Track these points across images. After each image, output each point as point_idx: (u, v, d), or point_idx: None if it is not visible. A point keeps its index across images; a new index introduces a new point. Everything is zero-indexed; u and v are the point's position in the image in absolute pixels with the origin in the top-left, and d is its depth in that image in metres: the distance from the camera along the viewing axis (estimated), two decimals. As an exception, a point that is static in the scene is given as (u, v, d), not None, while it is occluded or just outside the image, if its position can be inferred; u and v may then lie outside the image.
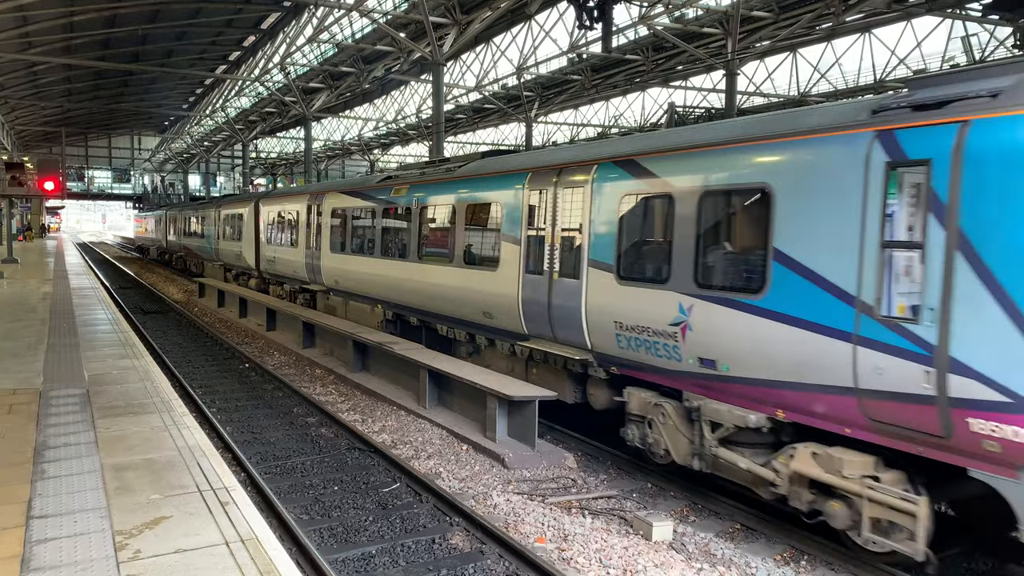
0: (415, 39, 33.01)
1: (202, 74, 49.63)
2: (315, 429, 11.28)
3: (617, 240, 8.99)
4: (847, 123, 6.60)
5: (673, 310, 8.02)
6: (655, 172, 8.52)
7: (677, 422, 8.30)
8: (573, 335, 9.71)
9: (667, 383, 8.43)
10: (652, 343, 8.37)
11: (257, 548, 4.65)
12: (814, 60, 36.44)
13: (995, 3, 11.49)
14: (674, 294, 8.04)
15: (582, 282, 9.45)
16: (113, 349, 11.52)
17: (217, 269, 30.89)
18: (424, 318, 14.02)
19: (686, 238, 7.98)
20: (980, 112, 5.74)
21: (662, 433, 8.52)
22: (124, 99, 59.90)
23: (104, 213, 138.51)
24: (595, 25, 13.09)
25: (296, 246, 20.53)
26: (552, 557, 6.90)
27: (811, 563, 7.07)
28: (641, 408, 8.85)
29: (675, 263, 8.09)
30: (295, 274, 20.84)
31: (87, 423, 7.30)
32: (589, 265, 9.38)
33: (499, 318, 11.28)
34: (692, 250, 7.91)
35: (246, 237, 25.90)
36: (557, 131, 56.56)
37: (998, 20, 25.15)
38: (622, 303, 8.80)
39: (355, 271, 16.67)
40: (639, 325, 8.52)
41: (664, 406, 8.44)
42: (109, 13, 34.39)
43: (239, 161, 71.62)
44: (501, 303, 11.13)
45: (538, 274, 10.32)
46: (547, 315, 10.14)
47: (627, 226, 8.91)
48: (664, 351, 8.21)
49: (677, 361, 8.04)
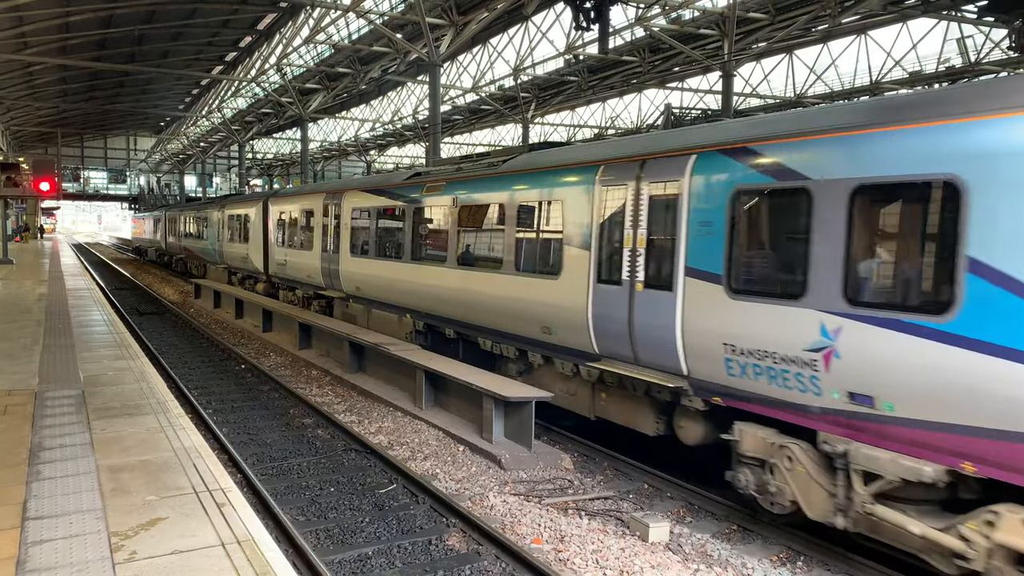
0: (412, 40, 33.01)
1: (198, 75, 49.54)
2: (311, 430, 11.26)
3: (727, 244, 7.47)
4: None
5: (811, 332, 6.58)
6: (784, 162, 6.97)
7: (811, 469, 6.85)
8: (662, 357, 8.28)
9: (795, 420, 6.94)
10: (778, 372, 6.91)
11: (253, 549, 4.64)
12: (810, 62, 36.56)
13: (990, 5, 11.52)
14: (813, 312, 6.57)
15: (676, 294, 8.01)
16: (109, 350, 11.49)
17: (221, 272, 29.71)
18: (463, 331, 12.64)
19: (832, 243, 6.45)
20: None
21: (788, 481, 7.03)
22: (120, 100, 59.76)
23: (100, 214, 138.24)
24: (592, 26, 13.11)
25: (310, 249, 19.16)
26: (549, 558, 6.90)
27: (807, 564, 7.08)
28: (759, 449, 7.37)
29: (815, 274, 6.58)
30: (309, 279, 19.53)
31: (83, 424, 7.28)
32: (687, 274, 7.91)
33: (561, 334, 9.90)
34: (841, 258, 6.40)
35: (253, 239, 24.67)
36: (553, 132, 56.59)
37: (993, 22, 25.23)
38: (735, 321, 7.33)
39: (380, 277, 15.29)
40: (759, 349, 7.05)
41: (792, 449, 7.00)
42: (105, 14, 34.32)
43: (235, 162, 71.52)
44: (564, 317, 9.75)
45: (614, 284, 8.90)
46: (627, 333, 8.70)
47: (742, 227, 7.42)
48: (796, 382, 6.75)
49: (815, 395, 6.60)
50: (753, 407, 7.36)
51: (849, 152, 6.46)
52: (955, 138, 5.75)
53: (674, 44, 30.85)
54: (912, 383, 5.89)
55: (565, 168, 10.13)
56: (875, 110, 6.53)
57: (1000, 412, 5.40)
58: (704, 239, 7.77)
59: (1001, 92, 5.71)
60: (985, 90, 5.90)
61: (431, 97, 29.29)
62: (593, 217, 9.33)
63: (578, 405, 10.26)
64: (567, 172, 10.04)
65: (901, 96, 6.78)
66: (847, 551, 7.09)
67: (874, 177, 6.25)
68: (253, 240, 24.73)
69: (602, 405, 9.79)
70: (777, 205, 7.21)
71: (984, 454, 5.57)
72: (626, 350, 8.85)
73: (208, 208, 31.85)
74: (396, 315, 14.91)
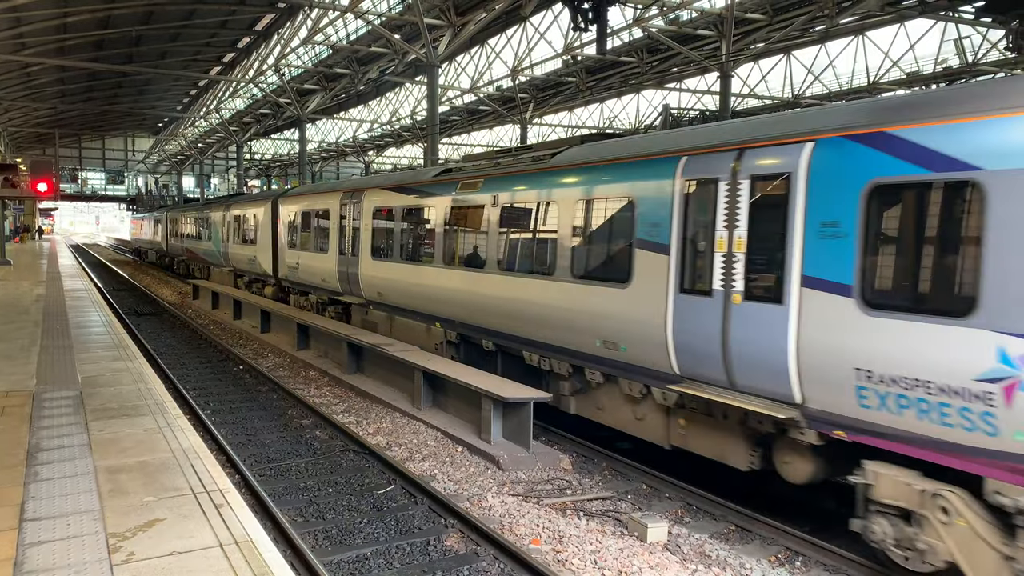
0: (410, 41, 33.01)
1: (196, 75, 49.53)
2: (309, 431, 11.26)
3: (861, 250, 6.27)
4: None
5: (986, 358, 5.42)
6: (943, 149, 5.76)
7: (977, 525, 5.65)
8: (768, 382, 7.10)
9: (956, 464, 5.74)
10: (933, 405, 5.75)
11: (251, 550, 4.63)
12: (808, 62, 36.58)
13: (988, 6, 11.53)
14: (988, 334, 5.41)
15: (788, 308, 6.83)
16: (107, 351, 11.48)
17: (226, 275, 28.57)
18: (504, 343, 11.43)
19: (1018, 249, 5.30)
20: None
21: (943, 537, 5.85)
22: (118, 100, 59.75)
23: (98, 215, 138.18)
24: (590, 27, 13.12)
25: (326, 251, 18.09)
26: (547, 559, 6.90)
27: (806, 564, 7.08)
28: (900, 496, 6.16)
29: (991, 287, 5.41)
30: (324, 283, 18.47)
31: (80, 425, 7.27)
32: (803, 285, 6.72)
33: (630, 350, 8.76)
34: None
35: (262, 240, 23.70)
36: (552, 133, 56.62)
37: (990, 23, 25.26)
38: (872, 342, 6.15)
39: (406, 282, 14.07)
40: (908, 377, 5.88)
41: (949, 498, 5.79)
42: (103, 14, 34.31)
43: (233, 163, 71.49)
44: (634, 331, 8.61)
45: (702, 294, 7.72)
46: (719, 352, 7.51)
47: (882, 229, 6.23)
48: (960, 418, 5.60)
49: (987, 435, 5.44)
50: (893, 445, 6.16)
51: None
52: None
53: (672, 45, 30.87)
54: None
55: (636, 161, 8.87)
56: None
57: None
58: (827, 243, 6.54)
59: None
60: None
61: (429, 98, 29.30)
62: (673, 217, 8.10)
63: (647, 431, 9.05)
64: (638, 166, 8.78)
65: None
66: (845, 551, 7.09)
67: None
68: (262, 242, 23.83)
69: (680, 433, 8.56)
70: (933, 201, 5.89)
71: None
72: (717, 372, 7.61)
73: (212, 208, 30.88)
74: (424, 324, 13.84)
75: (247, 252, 25.40)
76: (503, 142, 64.20)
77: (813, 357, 6.65)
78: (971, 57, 30.39)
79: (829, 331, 6.50)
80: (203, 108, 59.67)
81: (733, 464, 7.96)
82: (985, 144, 5.56)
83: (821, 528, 7.75)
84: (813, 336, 6.64)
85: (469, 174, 12.45)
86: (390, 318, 15.32)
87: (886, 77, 33.58)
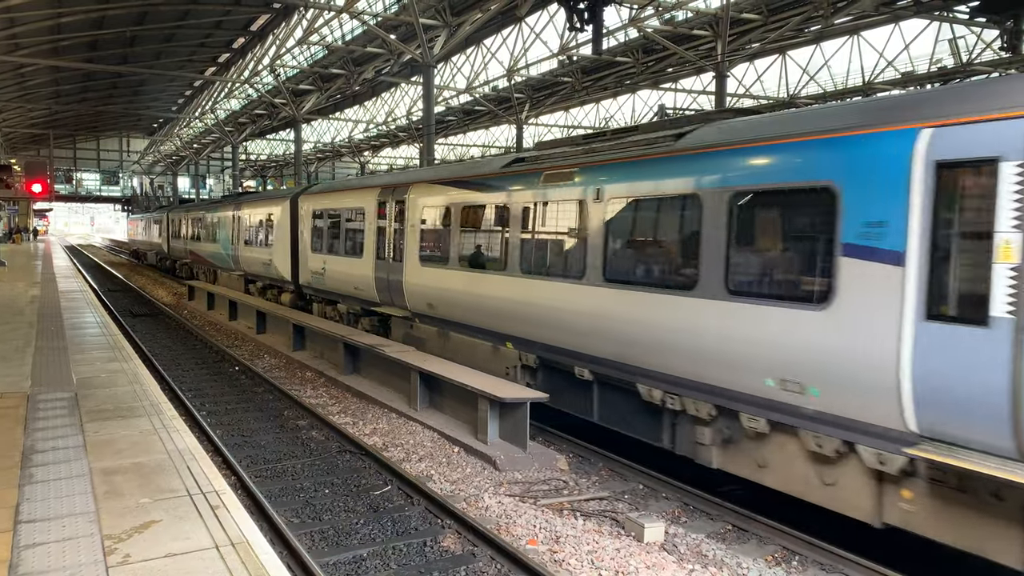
0: (405, 41, 32.99)
1: (191, 76, 49.46)
2: (306, 432, 11.24)
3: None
4: None
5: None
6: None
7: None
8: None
9: None
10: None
11: (248, 552, 4.62)
12: (803, 62, 36.63)
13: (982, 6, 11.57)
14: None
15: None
16: (102, 352, 11.44)
17: (235, 280, 26.45)
18: (607, 372, 9.24)
19: None
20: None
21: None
22: (113, 101, 59.65)
23: (93, 216, 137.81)
24: (585, 27, 13.11)
25: (359, 256, 16.12)
26: (544, 559, 6.89)
27: (803, 563, 7.09)
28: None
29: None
30: (357, 292, 16.43)
31: (75, 427, 7.25)
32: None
33: (827, 395, 6.52)
34: None
35: (279, 243, 21.59)
36: (548, 133, 56.65)
37: (985, 23, 25.34)
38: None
39: (467, 293, 12.05)
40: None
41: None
42: (97, 15, 34.25)
43: (228, 163, 71.35)
44: (838, 370, 6.37)
45: (971, 323, 5.52)
46: (1007, 406, 5.34)
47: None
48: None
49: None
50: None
51: None
52: None
53: (667, 45, 30.90)
54: None
55: (837, 137, 6.61)
56: None
57: None
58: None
59: None
60: None
61: (425, 98, 29.30)
62: (912, 212, 5.87)
63: (842, 501, 6.80)
64: (842, 143, 6.52)
65: None
66: (842, 550, 7.10)
67: None
68: (278, 244, 21.71)
69: (903, 509, 6.31)
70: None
71: None
72: (996, 435, 5.46)
73: (220, 208, 28.67)
74: (490, 343, 11.77)
75: (261, 256, 23.34)
76: (499, 142, 64.20)
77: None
78: (966, 57, 30.47)
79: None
80: (198, 109, 59.58)
81: (998, 559, 5.76)
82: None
83: (817, 527, 7.76)
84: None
85: (557, 164, 10.25)
86: (443, 335, 13.13)
87: (881, 77, 33.65)
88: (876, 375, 6.10)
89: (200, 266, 32.69)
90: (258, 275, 24.17)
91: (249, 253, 24.69)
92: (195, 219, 32.94)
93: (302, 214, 20.10)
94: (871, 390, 6.17)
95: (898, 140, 6.07)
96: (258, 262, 23.71)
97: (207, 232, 30.54)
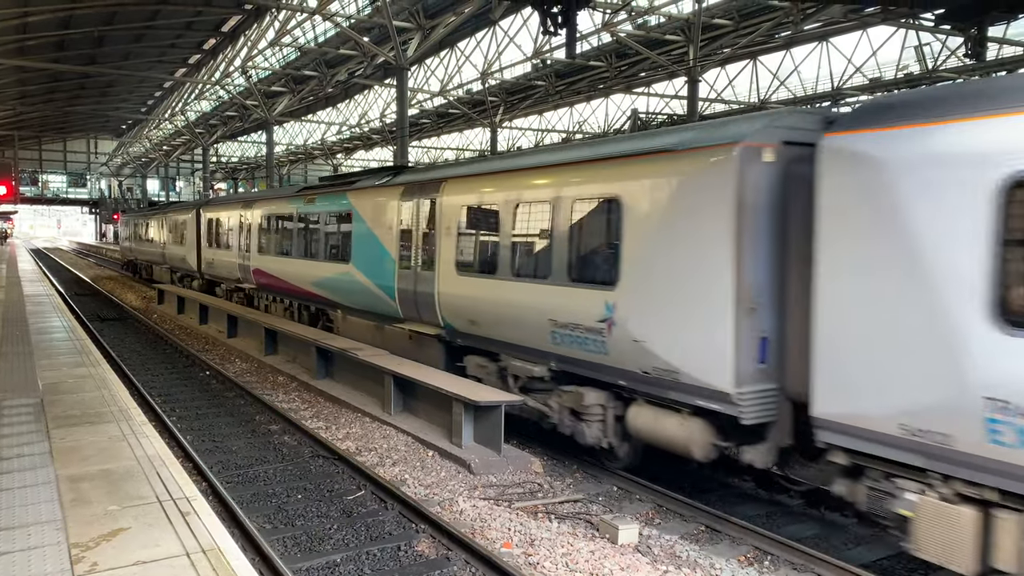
0: (379, 43, 32.88)
1: (161, 77, 48.81)
2: (278, 437, 11.14)
3: None
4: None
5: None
6: None
7: None
8: None
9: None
10: None
11: (219, 558, 4.57)
12: (774, 67, 37.11)
13: (946, 14, 11.82)
14: None
15: None
16: (69, 357, 11.25)
17: (399, 337, 14.00)
18: None
19: None
20: None
21: None
22: (80, 102, 58.67)
23: (59, 219, 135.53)
24: (559, 31, 13.15)
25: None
26: (519, 562, 6.89)
27: (775, 563, 7.16)
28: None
29: None
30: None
31: (41, 433, 7.11)
32: None
33: None
34: None
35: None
36: (522, 136, 56.76)
37: (949, 30, 25.86)
38: None
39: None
40: None
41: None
42: (64, 14, 33.66)
43: (199, 165, 70.56)
44: None
45: None
46: None
47: None
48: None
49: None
50: None
51: None
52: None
53: (640, 50, 31.13)
54: None
55: None
56: None
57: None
58: None
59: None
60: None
61: (399, 101, 29.23)
62: None
63: None
64: None
65: None
66: (813, 550, 7.18)
67: None
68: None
69: None
70: None
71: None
72: None
73: (318, 198, 17.08)
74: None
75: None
76: (473, 145, 64.18)
77: None
78: (931, 64, 31.05)
79: None
80: (168, 110, 58.85)
81: None
82: None
83: (789, 528, 7.85)
84: None
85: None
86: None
87: (849, 83, 34.19)
88: None
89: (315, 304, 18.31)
90: None
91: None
92: (270, 218, 19.95)
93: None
94: None
95: None
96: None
97: (311, 241, 17.79)
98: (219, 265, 23.77)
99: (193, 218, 26.43)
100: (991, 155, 5.15)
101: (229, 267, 22.70)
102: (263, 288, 20.22)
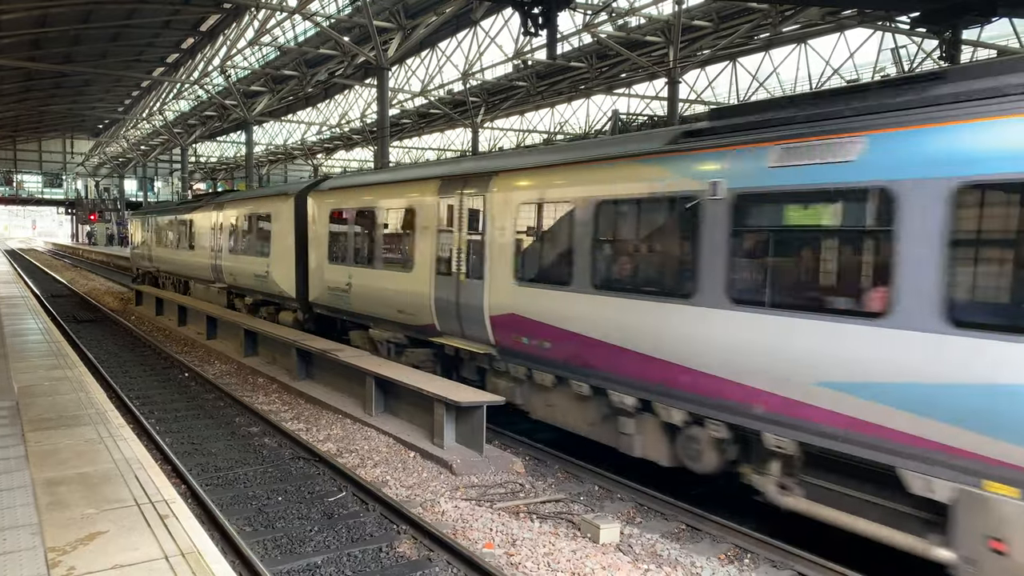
0: (359, 43, 32.74)
1: (138, 76, 48.30)
2: (258, 439, 11.06)
3: None
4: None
5: None
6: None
7: None
8: None
9: None
10: None
11: (199, 562, 4.53)
12: (753, 69, 37.38)
13: (922, 17, 11.96)
14: None
15: None
16: (44, 359, 11.11)
17: None
18: None
19: None
20: None
21: None
22: (56, 101, 57.91)
23: (34, 219, 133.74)
24: (540, 32, 13.17)
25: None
26: (501, 562, 6.90)
27: (755, 561, 7.22)
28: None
29: None
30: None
31: (16, 436, 7.02)
32: None
33: None
34: None
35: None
36: (503, 137, 56.74)
37: (925, 33, 26.19)
38: None
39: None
40: None
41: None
42: (39, 12, 33.21)
43: (178, 166, 69.89)
44: None
45: None
46: None
47: None
48: None
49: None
50: None
51: None
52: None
53: (621, 51, 31.21)
54: None
55: None
56: None
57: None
58: None
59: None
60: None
61: (379, 101, 29.09)
62: None
63: None
64: None
65: None
66: (793, 548, 7.25)
67: None
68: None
69: None
70: None
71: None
72: None
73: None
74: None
75: None
76: (455, 146, 64.08)
77: None
78: (907, 65, 31.42)
79: None
80: (146, 110, 58.23)
81: None
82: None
83: (768, 525, 7.91)
84: None
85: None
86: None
87: (828, 84, 34.50)
88: None
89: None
90: None
91: None
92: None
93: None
94: None
95: None
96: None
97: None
98: (363, 296, 14.23)
99: (290, 209, 17.02)
100: None
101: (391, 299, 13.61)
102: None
